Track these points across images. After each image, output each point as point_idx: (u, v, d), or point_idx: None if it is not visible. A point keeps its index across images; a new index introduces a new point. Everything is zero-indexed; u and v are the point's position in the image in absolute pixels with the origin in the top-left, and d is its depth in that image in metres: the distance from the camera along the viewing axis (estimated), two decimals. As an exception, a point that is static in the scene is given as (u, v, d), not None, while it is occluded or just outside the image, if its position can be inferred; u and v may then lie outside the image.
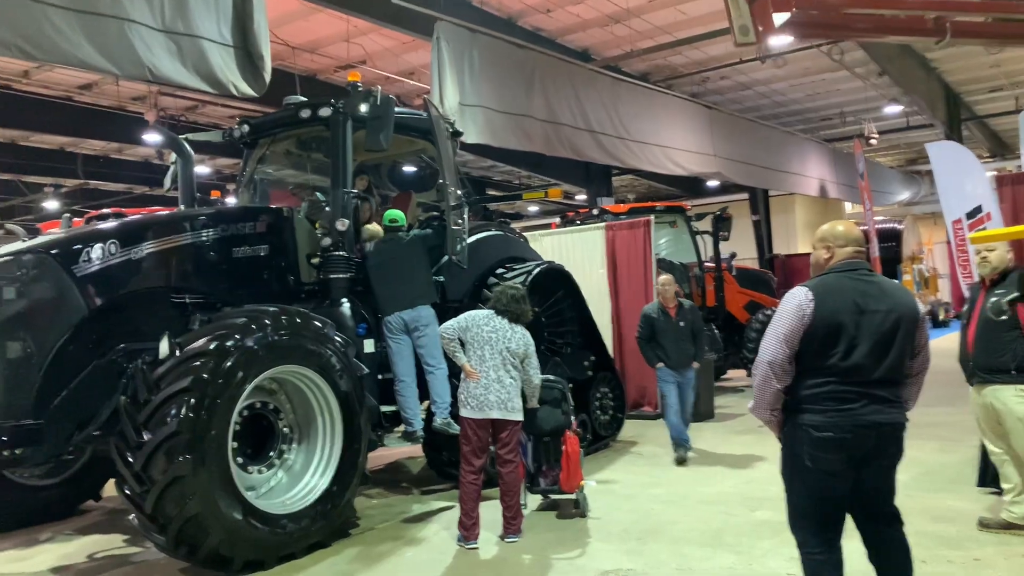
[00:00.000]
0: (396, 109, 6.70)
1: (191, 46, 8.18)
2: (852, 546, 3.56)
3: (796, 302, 3.44)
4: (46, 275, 5.39)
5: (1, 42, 6.91)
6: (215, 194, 9.72)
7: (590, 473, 7.21)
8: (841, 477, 3.41)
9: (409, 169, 8.71)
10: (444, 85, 10.38)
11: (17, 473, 6.49)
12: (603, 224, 11.31)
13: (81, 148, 21.20)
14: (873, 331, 3.39)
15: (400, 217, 6.88)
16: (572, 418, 6.38)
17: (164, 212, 7.22)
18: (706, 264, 12.87)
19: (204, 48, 8.31)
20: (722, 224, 12.79)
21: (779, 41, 14.84)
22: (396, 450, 8.47)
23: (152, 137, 17.26)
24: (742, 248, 17.44)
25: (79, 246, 5.55)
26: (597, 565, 5.15)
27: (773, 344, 3.45)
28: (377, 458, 8.42)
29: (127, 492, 5.03)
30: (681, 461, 7.85)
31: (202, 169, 21.79)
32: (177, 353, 5.18)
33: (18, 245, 5.83)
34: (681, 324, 8.01)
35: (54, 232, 6.98)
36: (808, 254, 3.86)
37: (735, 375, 14.43)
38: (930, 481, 6.71)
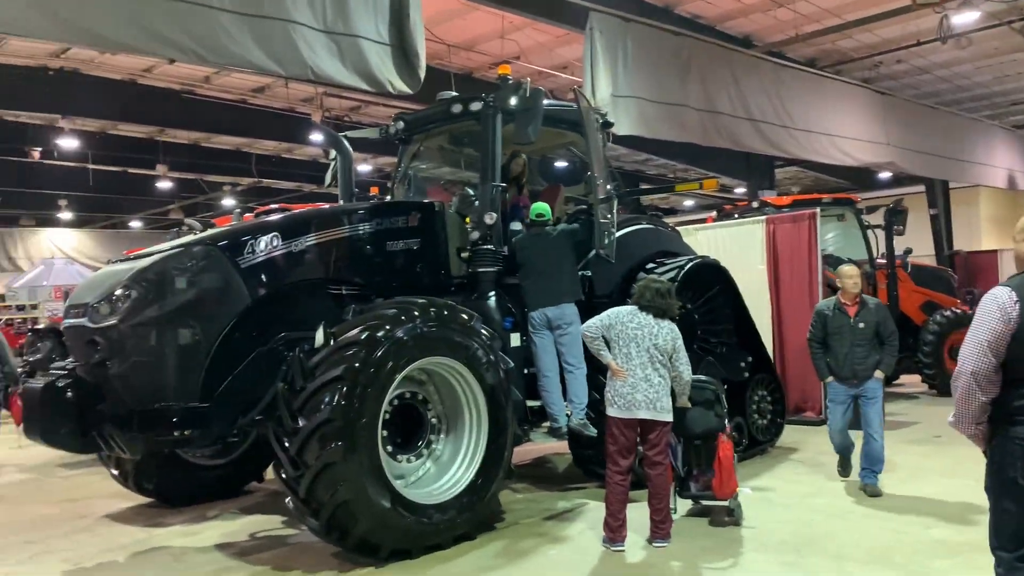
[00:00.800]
0: (545, 101, 6.62)
1: (350, 45, 8.44)
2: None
3: (998, 304, 3.06)
4: (213, 266, 5.63)
5: (180, 47, 7.39)
6: (374, 190, 10.03)
7: (745, 480, 6.84)
8: None
9: (558, 162, 8.61)
10: (596, 76, 10.20)
11: (189, 453, 6.92)
12: (763, 217, 10.75)
13: (255, 148, 22.57)
14: None
15: (546, 211, 6.78)
16: (726, 422, 6.06)
17: (324, 207, 7.49)
18: (878, 261, 11.99)
19: (362, 47, 8.56)
20: (896, 217, 11.83)
21: (963, 19, 13.69)
22: (542, 445, 8.42)
23: (317, 136, 18.12)
24: (919, 244, 16.17)
25: (244, 239, 5.80)
26: (751, 577, 4.86)
27: (975, 352, 3.10)
28: (523, 453, 8.39)
29: (283, 476, 5.22)
30: (844, 474, 7.22)
31: (363, 167, 22.69)
32: (331, 342, 5.32)
33: (188, 237, 6.18)
34: (860, 326, 6.74)
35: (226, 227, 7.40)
36: (994, 251, 3.42)
37: (908, 380, 13.41)
38: None
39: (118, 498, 7.18)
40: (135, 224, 28.35)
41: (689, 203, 32.21)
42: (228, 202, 24.60)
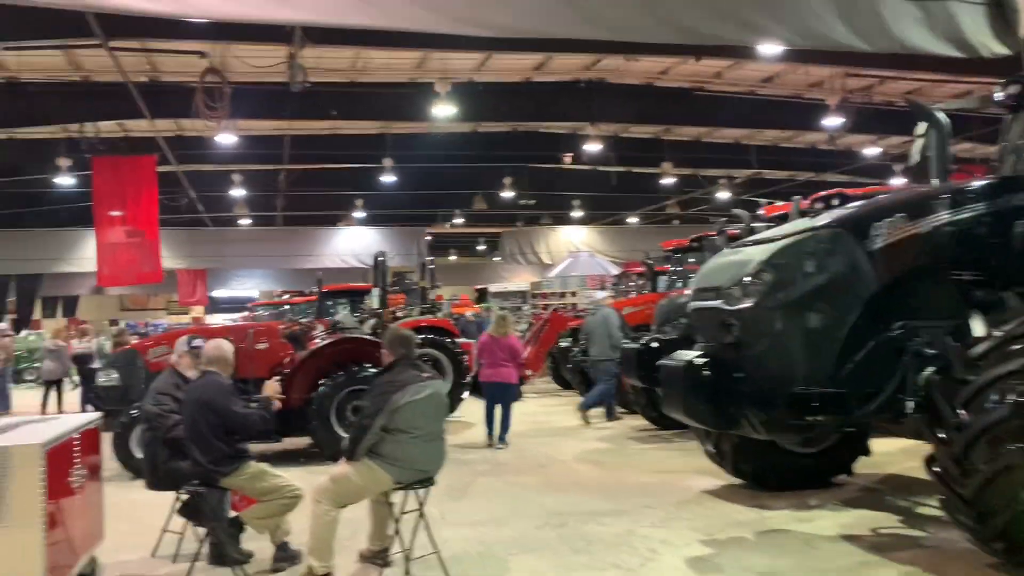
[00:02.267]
0: None
1: (939, 11, 7.81)
2: None
3: None
4: (842, 250, 5.54)
5: (770, 33, 7.52)
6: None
7: None
8: None
9: None
10: None
11: (784, 439, 6.89)
12: None
13: (755, 140, 22.60)
14: None
15: None
16: None
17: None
18: None
19: (952, 11, 7.87)
20: None
21: None
22: None
23: (832, 121, 17.39)
24: None
25: (869, 222, 5.58)
26: None
27: None
28: None
29: (937, 470, 4.84)
30: None
31: (873, 150, 21.35)
32: (995, 333, 4.82)
33: (808, 222, 6.14)
34: None
35: (778, 215, 7.23)
36: None
37: None
38: None
39: (707, 475, 7.47)
40: (631, 220, 30.37)
41: None
42: (723, 195, 25.02)
